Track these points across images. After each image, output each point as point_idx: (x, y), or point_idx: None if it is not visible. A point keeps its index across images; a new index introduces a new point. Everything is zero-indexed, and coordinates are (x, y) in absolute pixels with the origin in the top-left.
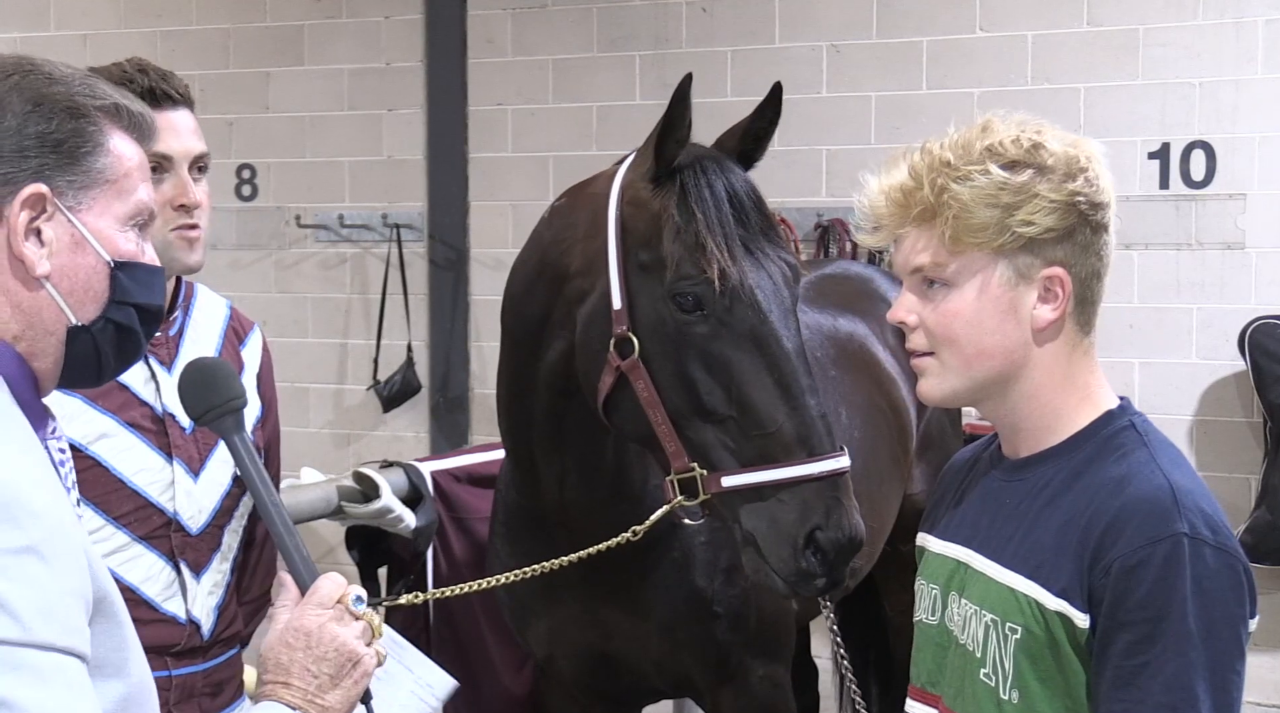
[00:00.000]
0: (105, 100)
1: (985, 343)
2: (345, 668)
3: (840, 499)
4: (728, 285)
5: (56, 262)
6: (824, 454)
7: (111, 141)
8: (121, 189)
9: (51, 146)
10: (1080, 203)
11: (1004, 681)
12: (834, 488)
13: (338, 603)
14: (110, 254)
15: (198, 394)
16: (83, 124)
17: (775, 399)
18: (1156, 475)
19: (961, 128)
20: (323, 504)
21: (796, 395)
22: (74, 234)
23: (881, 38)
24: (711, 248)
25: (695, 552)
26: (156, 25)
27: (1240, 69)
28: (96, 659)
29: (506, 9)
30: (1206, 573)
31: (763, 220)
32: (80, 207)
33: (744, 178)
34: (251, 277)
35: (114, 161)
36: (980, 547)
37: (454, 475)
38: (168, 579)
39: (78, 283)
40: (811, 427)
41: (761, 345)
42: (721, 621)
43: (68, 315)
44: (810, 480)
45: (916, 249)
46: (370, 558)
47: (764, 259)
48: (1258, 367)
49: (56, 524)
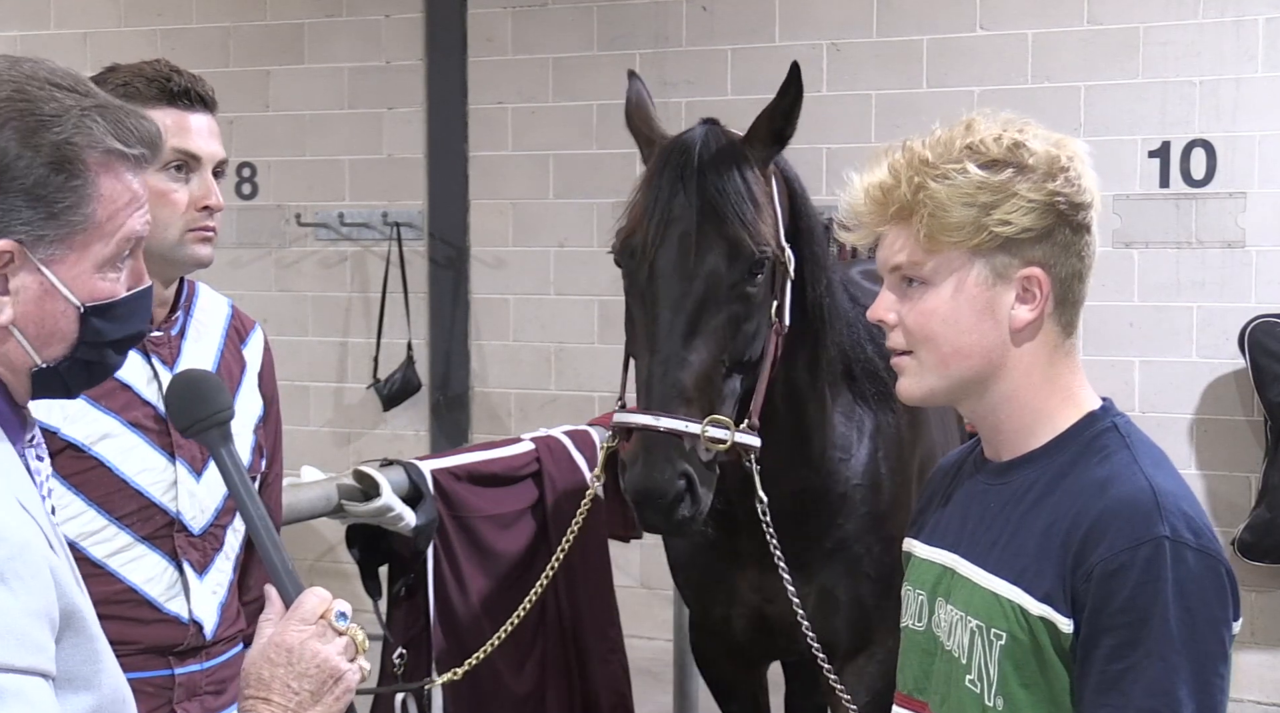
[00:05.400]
0: (101, 143)
1: (962, 342)
2: (327, 685)
3: (638, 451)
4: (631, 246)
5: (22, 309)
6: (647, 410)
7: (100, 187)
8: (105, 232)
9: (30, 202)
10: (1060, 203)
11: (989, 687)
12: (640, 441)
13: (321, 619)
14: (82, 299)
15: (185, 406)
16: (67, 178)
17: (640, 350)
18: (1138, 478)
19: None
20: (323, 503)
21: (647, 350)
22: (43, 283)
23: (882, 36)
24: (637, 215)
25: (862, 520)
26: (157, 24)
27: (1240, 68)
28: (66, 673)
29: (506, 7)
30: (1189, 576)
31: (706, 198)
32: (54, 257)
33: (705, 166)
34: (251, 275)
35: (98, 207)
36: (965, 552)
37: (454, 474)
38: (170, 579)
39: (44, 328)
40: (647, 381)
41: (647, 302)
42: (872, 583)
43: (32, 358)
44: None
45: (895, 247)
46: (371, 557)
47: (677, 226)
48: (1258, 365)
49: (20, 546)
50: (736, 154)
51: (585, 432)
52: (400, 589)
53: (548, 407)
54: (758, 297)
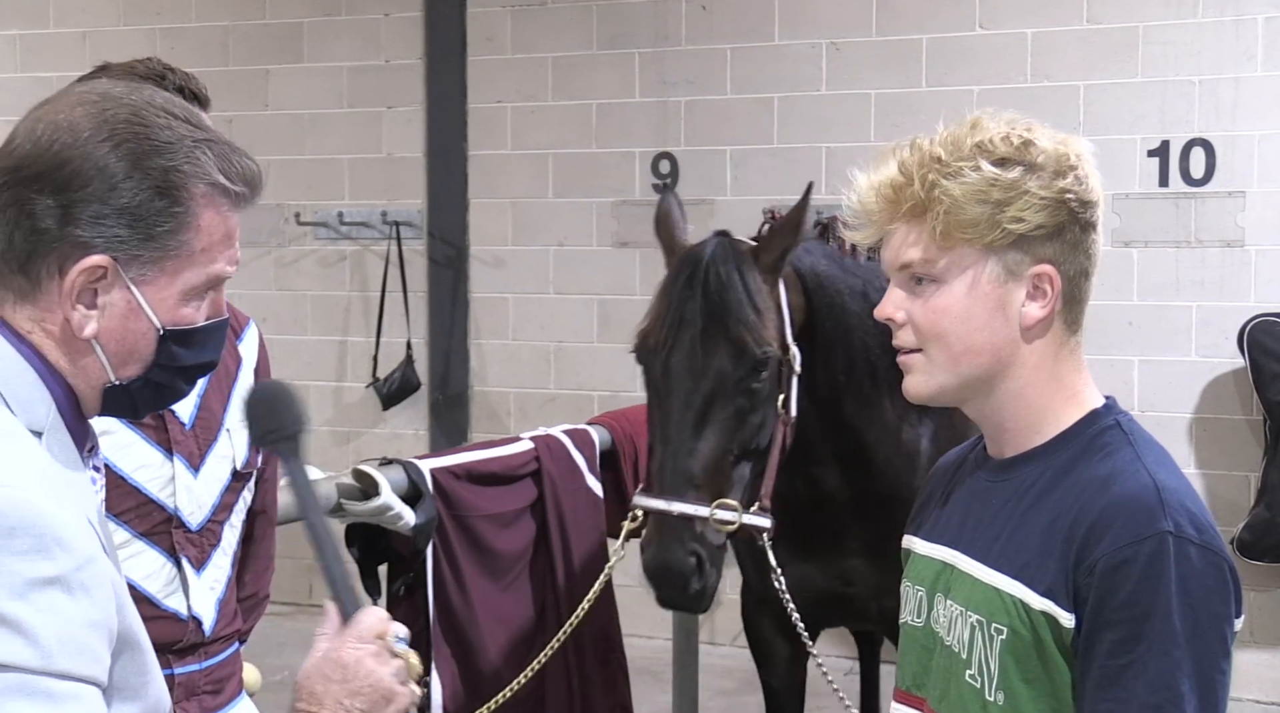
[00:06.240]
0: (208, 176)
1: (974, 340)
2: (379, 705)
3: (654, 534)
4: (648, 345)
5: (106, 325)
6: (661, 494)
7: (200, 219)
8: (197, 262)
9: (130, 222)
10: (1070, 200)
11: (989, 682)
12: (654, 524)
13: (378, 639)
14: (165, 322)
15: (264, 417)
16: (170, 204)
17: (655, 440)
18: (1141, 474)
19: (950, 125)
20: (322, 502)
21: (661, 440)
22: (130, 301)
23: (881, 35)
24: (653, 318)
25: None
26: (156, 23)
27: (1240, 67)
28: (118, 684)
29: (506, 6)
30: (1192, 572)
31: (712, 303)
32: (145, 278)
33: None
34: (251, 274)
35: (195, 236)
36: (966, 548)
37: (453, 473)
38: (169, 576)
39: (124, 346)
40: (659, 469)
41: (661, 396)
42: None
43: (108, 374)
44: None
45: (906, 244)
46: (370, 556)
47: (688, 329)
48: (1257, 364)
49: (88, 559)
50: (743, 263)
51: (584, 431)
52: (399, 588)
53: (547, 406)
54: (763, 391)
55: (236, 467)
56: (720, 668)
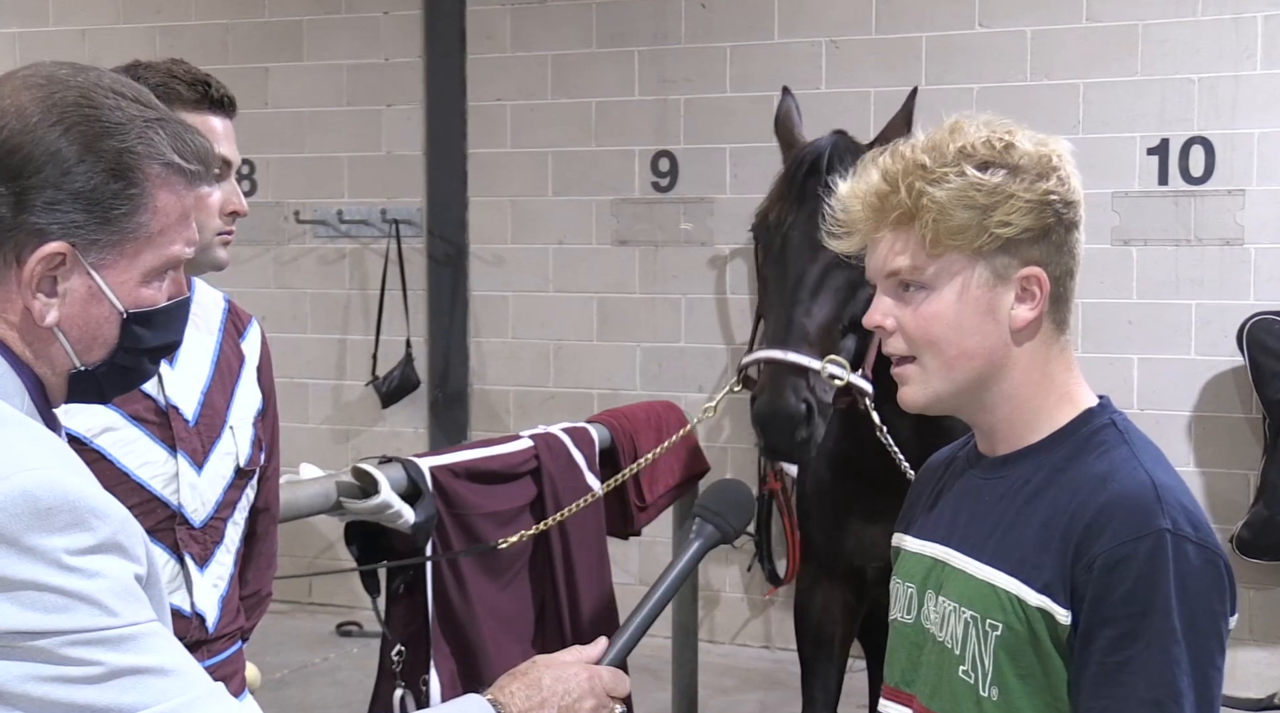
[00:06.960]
0: (162, 156)
1: (966, 345)
2: None
3: (766, 382)
4: (768, 220)
5: (68, 312)
6: (776, 345)
7: (156, 200)
8: (155, 243)
9: (86, 206)
10: (1054, 202)
11: (983, 677)
12: (768, 373)
13: (610, 698)
14: (127, 305)
15: (721, 504)
16: (125, 186)
17: (769, 307)
18: (1139, 473)
19: (929, 129)
20: (321, 500)
21: (777, 304)
22: (91, 287)
23: (881, 33)
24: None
25: None
26: (155, 20)
27: (1239, 65)
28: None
29: (505, 4)
30: (1190, 569)
31: (815, 183)
32: (104, 262)
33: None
34: (250, 272)
35: (152, 218)
36: (958, 544)
37: (453, 471)
38: (172, 573)
39: (87, 332)
40: (775, 325)
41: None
42: None
43: (73, 361)
44: (764, 362)
45: (894, 252)
46: (369, 554)
47: (808, 206)
48: (1256, 363)
49: (122, 520)
50: (860, 156)
51: (584, 429)
52: (399, 586)
53: (546, 404)
54: None
55: (240, 464)
56: (719, 667)
